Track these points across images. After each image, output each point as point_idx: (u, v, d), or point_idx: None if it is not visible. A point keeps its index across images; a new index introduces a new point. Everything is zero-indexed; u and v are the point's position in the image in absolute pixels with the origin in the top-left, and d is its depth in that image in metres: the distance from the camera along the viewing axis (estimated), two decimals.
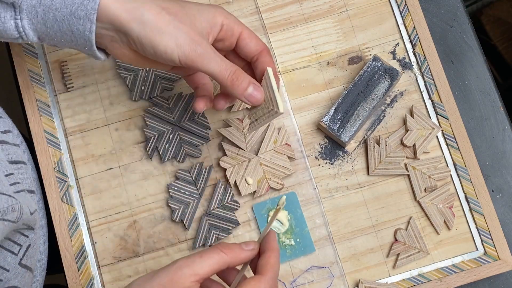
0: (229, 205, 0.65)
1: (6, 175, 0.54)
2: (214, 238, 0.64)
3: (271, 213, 0.65)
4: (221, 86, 0.55)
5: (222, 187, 0.65)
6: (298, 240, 0.64)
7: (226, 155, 0.65)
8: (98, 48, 0.54)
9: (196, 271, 0.46)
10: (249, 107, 0.66)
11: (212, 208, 0.64)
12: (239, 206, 0.65)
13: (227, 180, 0.65)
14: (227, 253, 0.47)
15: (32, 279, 0.60)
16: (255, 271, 0.51)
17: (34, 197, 0.63)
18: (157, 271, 0.47)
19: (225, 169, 0.65)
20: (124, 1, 0.51)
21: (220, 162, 0.65)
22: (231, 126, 0.66)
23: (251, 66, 0.58)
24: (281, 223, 0.64)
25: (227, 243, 0.49)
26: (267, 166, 0.65)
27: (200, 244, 0.64)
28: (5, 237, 0.55)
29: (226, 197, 0.65)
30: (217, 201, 0.65)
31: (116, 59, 0.60)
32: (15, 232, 0.56)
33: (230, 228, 0.64)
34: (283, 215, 0.65)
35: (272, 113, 0.55)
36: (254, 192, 0.65)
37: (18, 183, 0.55)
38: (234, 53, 0.58)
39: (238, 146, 0.66)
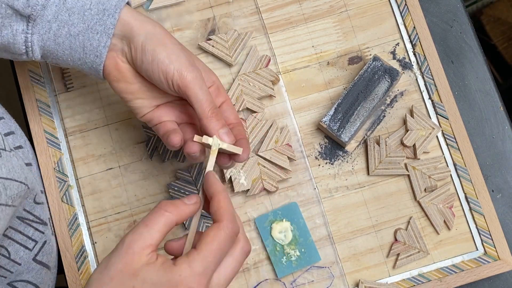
0: None
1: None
2: None
3: (274, 225, 0.64)
4: (199, 118, 0.53)
5: None
6: (303, 250, 0.64)
7: None
8: None
9: (147, 243, 0.43)
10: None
11: None
12: None
13: (223, 176, 0.65)
14: (172, 211, 0.45)
15: (49, 276, 0.60)
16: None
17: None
18: (109, 257, 0.44)
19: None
20: (137, 16, 0.53)
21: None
22: None
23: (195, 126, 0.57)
24: (285, 234, 0.64)
25: (169, 201, 0.46)
26: (264, 166, 0.65)
27: None
28: (17, 230, 0.55)
29: None
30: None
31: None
32: (27, 226, 0.56)
33: None
34: (286, 226, 0.64)
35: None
36: (247, 190, 0.65)
37: None
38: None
39: None
